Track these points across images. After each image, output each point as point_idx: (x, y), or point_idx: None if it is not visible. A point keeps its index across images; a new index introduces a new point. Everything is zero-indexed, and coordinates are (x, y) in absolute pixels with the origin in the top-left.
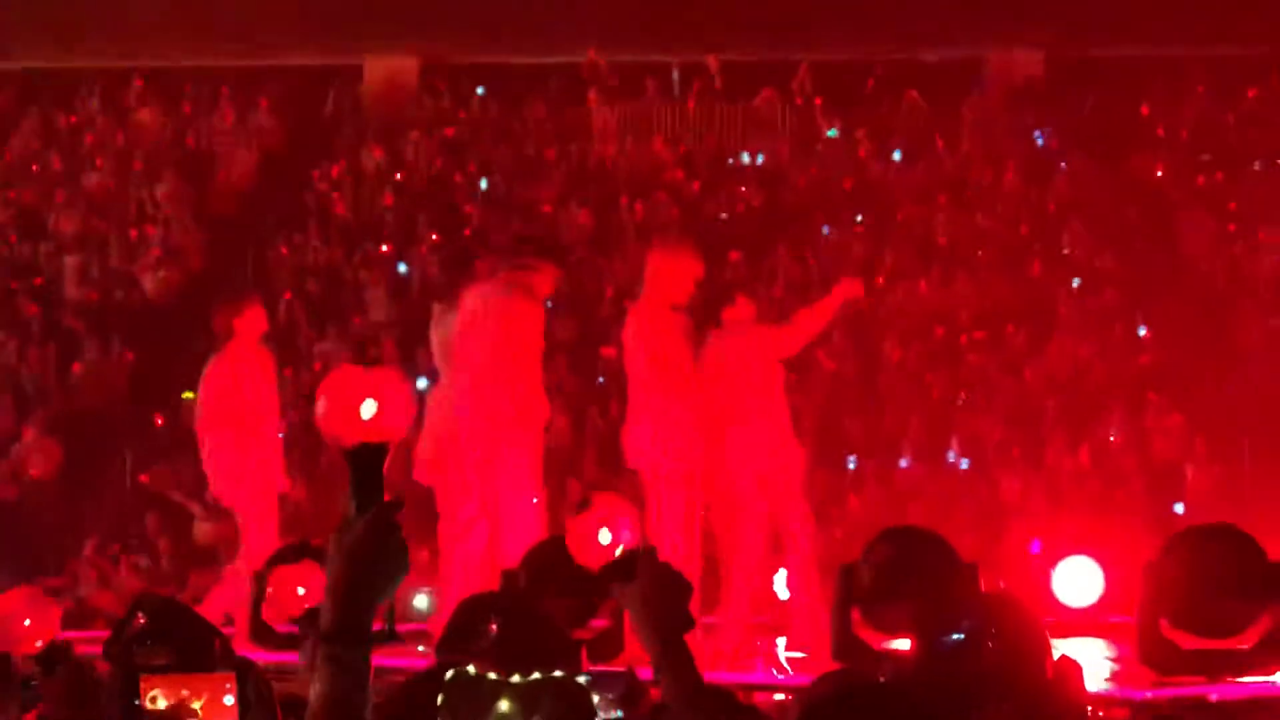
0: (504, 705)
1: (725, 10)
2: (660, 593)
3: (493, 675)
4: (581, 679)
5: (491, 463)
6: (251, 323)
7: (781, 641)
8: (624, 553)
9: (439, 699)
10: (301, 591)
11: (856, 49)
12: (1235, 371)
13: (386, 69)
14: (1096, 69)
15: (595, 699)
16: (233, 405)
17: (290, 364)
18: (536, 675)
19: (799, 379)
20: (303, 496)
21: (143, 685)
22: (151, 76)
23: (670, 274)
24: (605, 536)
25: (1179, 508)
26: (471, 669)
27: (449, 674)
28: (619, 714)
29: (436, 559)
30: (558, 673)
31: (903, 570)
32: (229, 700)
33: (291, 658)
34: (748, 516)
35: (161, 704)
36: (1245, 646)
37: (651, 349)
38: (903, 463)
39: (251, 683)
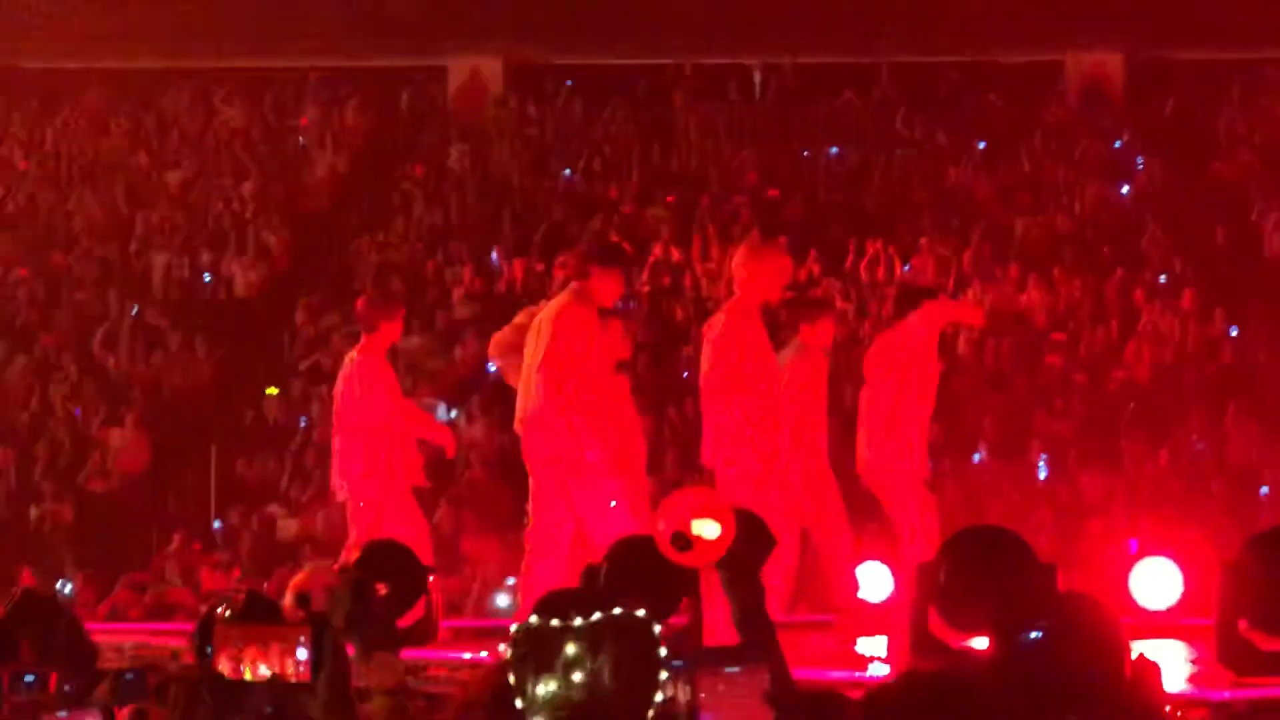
0: (571, 649)
1: (805, 12)
2: (749, 546)
3: (555, 621)
4: (641, 612)
5: (572, 466)
6: (394, 328)
7: (864, 641)
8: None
9: (508, 653)
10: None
11: (935, 51)
12: None
13: (470, 69)
14: (1176, 71)
15: (657, 629)
16: (369, 404)
17: None
18: (598, 615)
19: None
20: None
21: (216, 636)
22: (239, 77)
23: (762, 274)
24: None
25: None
26: (535, 619)
27: (514, 628)
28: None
29: (511, 552)
30: (617, 610)
31: (980, 569)
32: (302, 654)
33: None
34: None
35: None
36: None
37: (742, 348)
38: (976, 457)
39: (328, 637)
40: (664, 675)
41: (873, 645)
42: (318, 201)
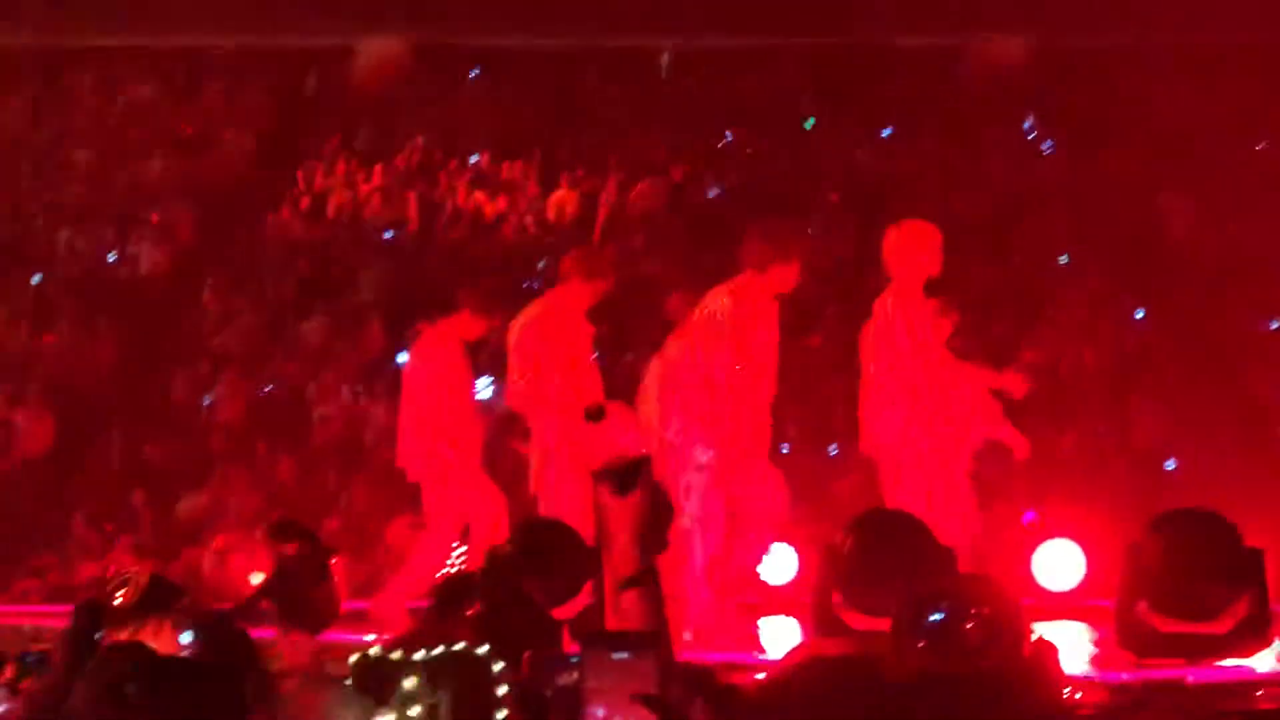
0: (409, 683)
1: None
2: (651, 509)
3: (395, 654)
4: (482, 650)
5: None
6: (478, 326)
7: (766, 622)
8: (627, 462)
9: (349, 683)
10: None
11: (840, 35)
12: (1219, 358)
13: (377, 50)
14: (1079, 57)
15: (497, 668)
16: (436, 384)
17: (282, 343)
18: (440, 650)
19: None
20: (289, 477)
21: (110, 617)
22: (143, 55)
23: (921, 253)
24: (615, 446)
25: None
26: (375, 650)
27: (353, 658)
28: None
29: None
30: (459, 646)
31: (882, 553)
32: (186, 638)
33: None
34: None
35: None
36: (1222, 631)
37: (913, 331)
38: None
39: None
40: (501, 714)
41: (780, 627)
42: (224, 180)
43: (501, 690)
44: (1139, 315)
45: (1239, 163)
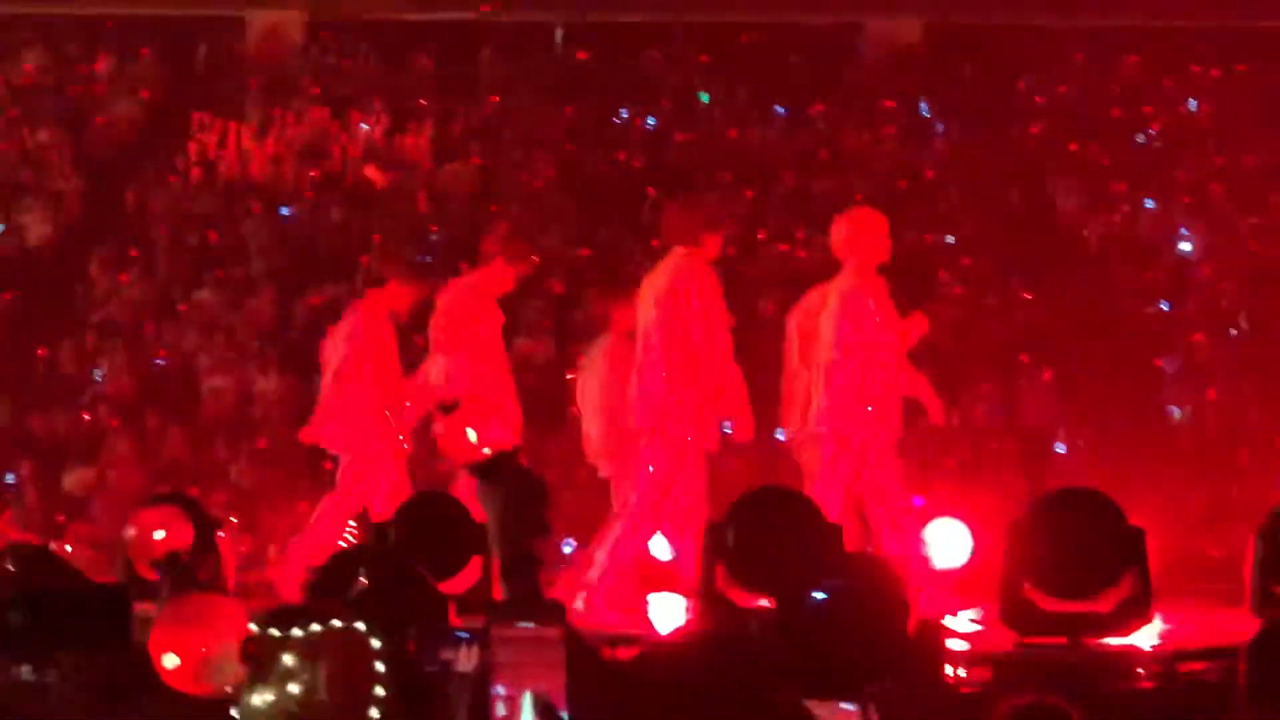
0: (288, 659)
1: None
2: (520, 495)
3: (274, 631)
4: (360, 626)
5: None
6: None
7: (655, 598)
8: (491, 454)
9: (241, 661)
10: (159, 535)
11: (736, 11)
12: (1108, 339)
13: (269, 21)
14: (974, 37)
15: (375, 645)
16: (362, 359)
17: (169, 315)
18: (317, 627)
19: None
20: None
21: None
22: (33, 24)
23: (873, 239)
24: (473, 435)
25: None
26: (254, 627)
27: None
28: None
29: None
30: (336, 622)
31: (768, 530)
32: None
33: None
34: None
35: None
36: (1104, 609)
37: (874, 315)
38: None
39: None
40: (380, 690)
41: (669, 603)
42: (113, 151)
43: (380, 666)
44: (1028, 296)
45: (1131, 144)
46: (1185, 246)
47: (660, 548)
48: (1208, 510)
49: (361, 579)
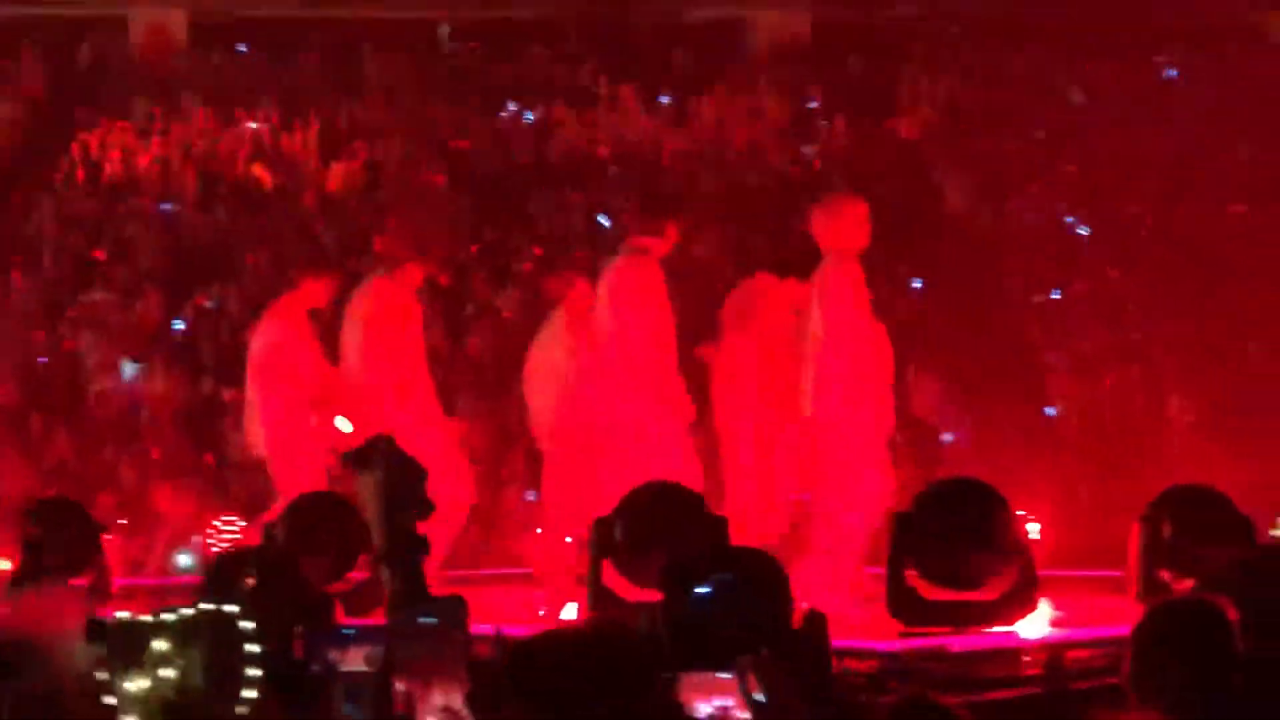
0: (159, 644)
1: None
2: (395, 479)
3: (146, 617)
4: (231, 609)
5: None
6: (321, 290)
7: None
8: (364, 441)
9: (102, 650)
10: None
11: (623, 6)
12: (996, 330)
13: (153, 21)
14: (861, 30)
15: (248, 631)
16: (285, 362)
17: (55, 317)
18: (190, 612)
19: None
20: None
21: None
22: None
23: (854, 226)
24: (344, 425)
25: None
26: (125, 614)
27: (106, 623)
28: None
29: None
30: (208, 606)
31: (654, 525)
32: None
33: None
34: None
35: None
36: (990, 598)
37: (857, 303)
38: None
39: None
40: (253, 671)
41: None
42: None
43: (254, 653)
44: (916, 285)
45: (1017, 136)
46: (1072, 237)
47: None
48: (1094, 499)
49: (248, 579)
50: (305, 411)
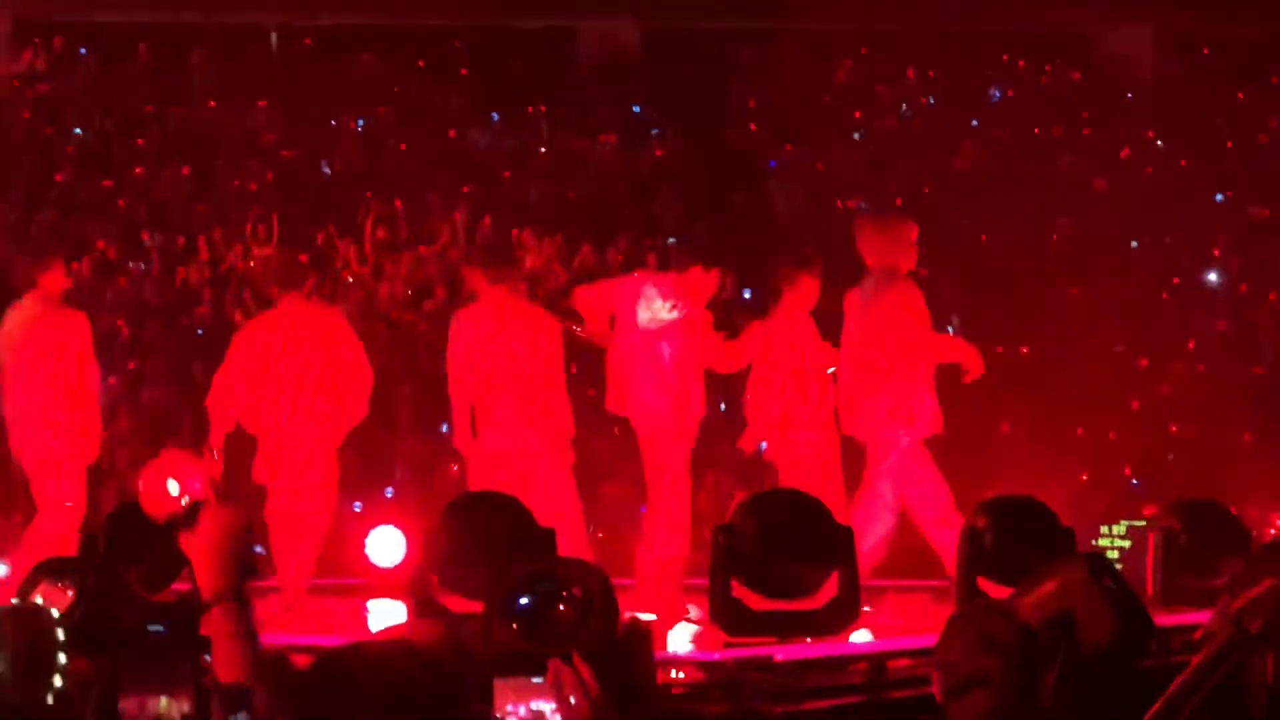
0: None
1: None
2: (221, 542)
3: None
4: (38, 600)
5: None
6: (55, 279)
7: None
8: (189, 503)
9: None
10: None
11: (453, 15)
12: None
13: None
14: (691, 39)
15: (59, 633)
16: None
17: None
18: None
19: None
20: None
21: None
22: None
23: (905, 244)
24: (174, 488)
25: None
26: None
27: None
28: None
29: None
30: (14, 601)
31: (479, 536)
32: None
33: None
34: None
35: None
36: (814, 608)
37: (919, 319)
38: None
39: None
40: (61, 658)
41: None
42: None
43: (59, 635)
44: (746, 295)
45: (847, 144)
46: None
47: (379, 553)
48: None
49: (68, 589)
50: (56, 425)
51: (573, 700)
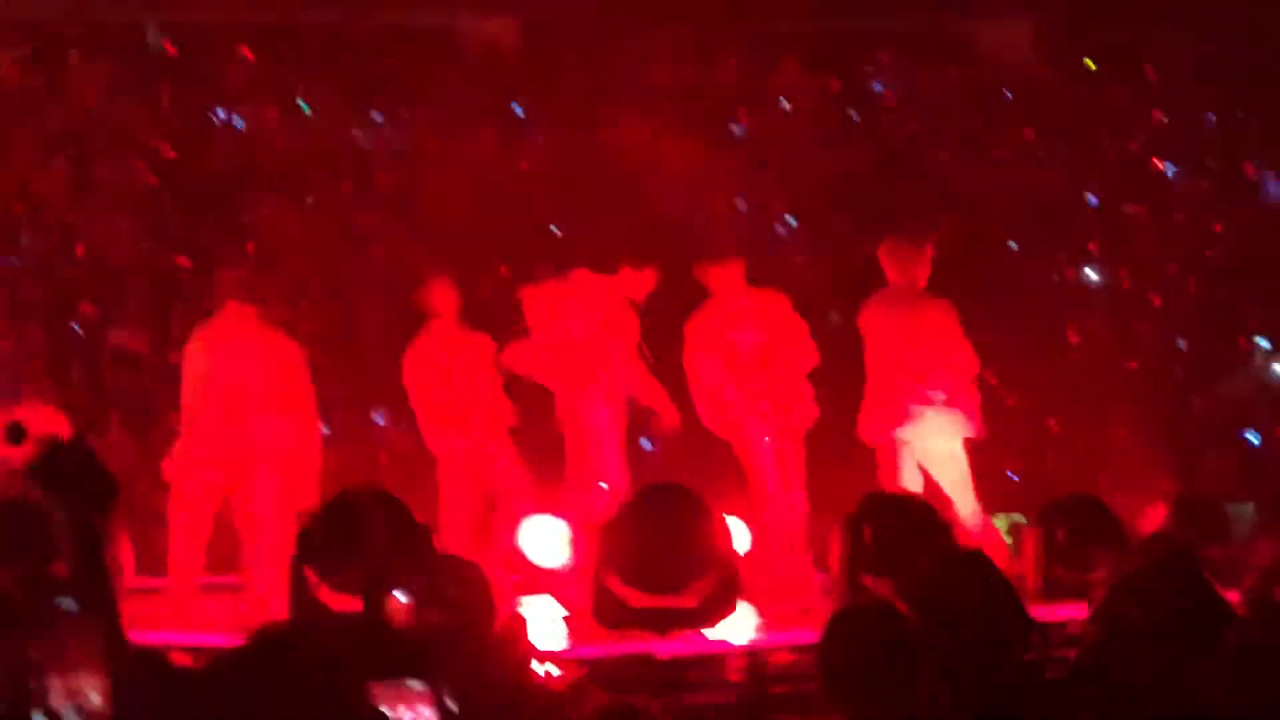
0: None
1: None
2: (75, 480)
3: None
4: None
5: None
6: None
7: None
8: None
9: None
10: None
11: (335, 11)
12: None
13: None
14: (569, 38)
15: None
16: None
17: None
18: None
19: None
20: None
21: None
22: None
23: (925, 260)
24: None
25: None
26: None
27: None
28: None
29: None
30: None
31: (355, 531)
32: None
33: None
34: None
35: None
36: (691, 604)
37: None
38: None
39: None
40: None
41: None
42: None
43: None
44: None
45: (724, 140)
46: (779, 243)
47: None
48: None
49: None
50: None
51: (450, 703)
